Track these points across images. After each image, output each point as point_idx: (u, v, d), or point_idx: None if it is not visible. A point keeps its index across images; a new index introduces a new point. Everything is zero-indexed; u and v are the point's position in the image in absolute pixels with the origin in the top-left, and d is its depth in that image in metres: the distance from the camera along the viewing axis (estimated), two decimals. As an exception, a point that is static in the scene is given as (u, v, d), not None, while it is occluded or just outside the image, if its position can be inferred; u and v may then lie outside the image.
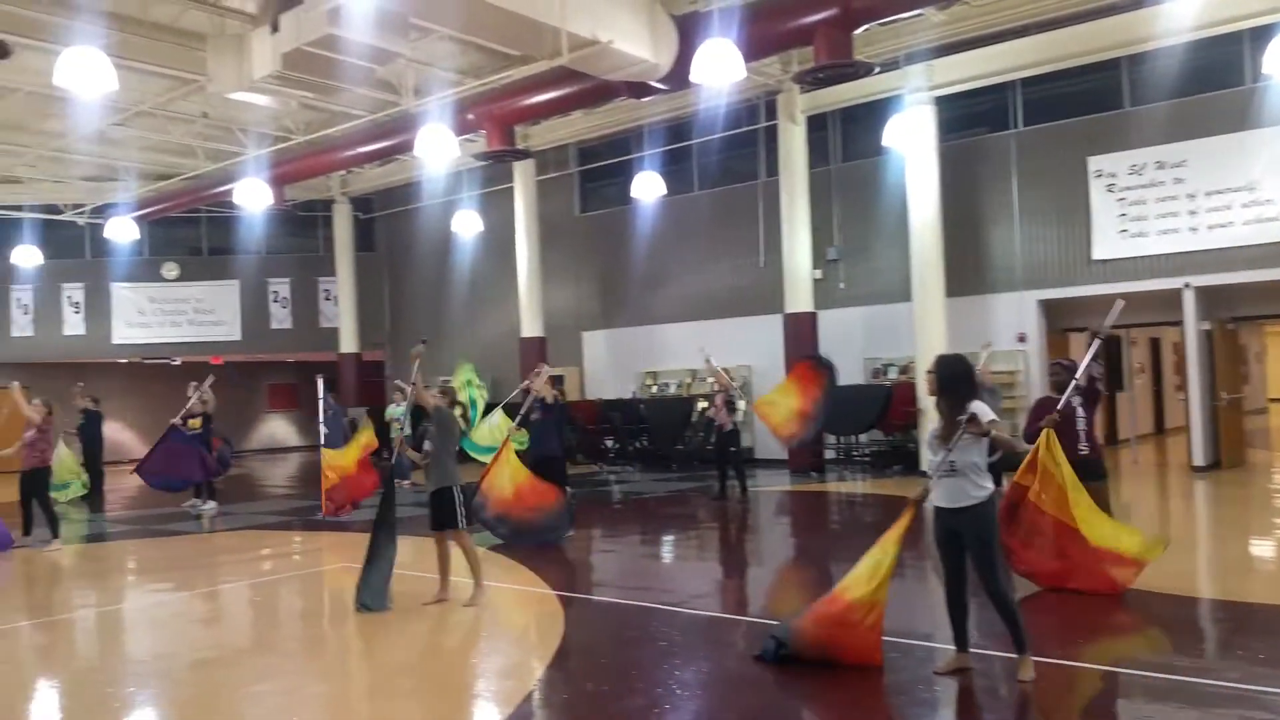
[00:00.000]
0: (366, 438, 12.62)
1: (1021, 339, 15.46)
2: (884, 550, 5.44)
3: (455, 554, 7.57)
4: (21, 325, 23.61)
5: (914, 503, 5.32)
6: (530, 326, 20.01)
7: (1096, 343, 7.35)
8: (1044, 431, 6.89)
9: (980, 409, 5.12)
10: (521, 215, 20.12)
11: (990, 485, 5.26)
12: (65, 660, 6.78)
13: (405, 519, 11.84)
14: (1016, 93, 15.80)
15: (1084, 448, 7.41)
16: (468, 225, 20.33)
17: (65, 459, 14.94)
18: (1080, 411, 7.49)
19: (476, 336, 23.15)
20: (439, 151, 13.51)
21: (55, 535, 11.14)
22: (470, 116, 14.22)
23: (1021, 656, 5.17)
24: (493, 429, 12.62)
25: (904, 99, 15.06)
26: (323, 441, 13.05)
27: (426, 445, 7.43)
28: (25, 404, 11.14)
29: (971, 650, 5.43)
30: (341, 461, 12.40)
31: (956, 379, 5.25)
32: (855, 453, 17.11)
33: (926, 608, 6.88)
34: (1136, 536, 7.13)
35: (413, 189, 22.84)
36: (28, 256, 21.29)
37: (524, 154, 16.45)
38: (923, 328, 15.07)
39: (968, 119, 16.25)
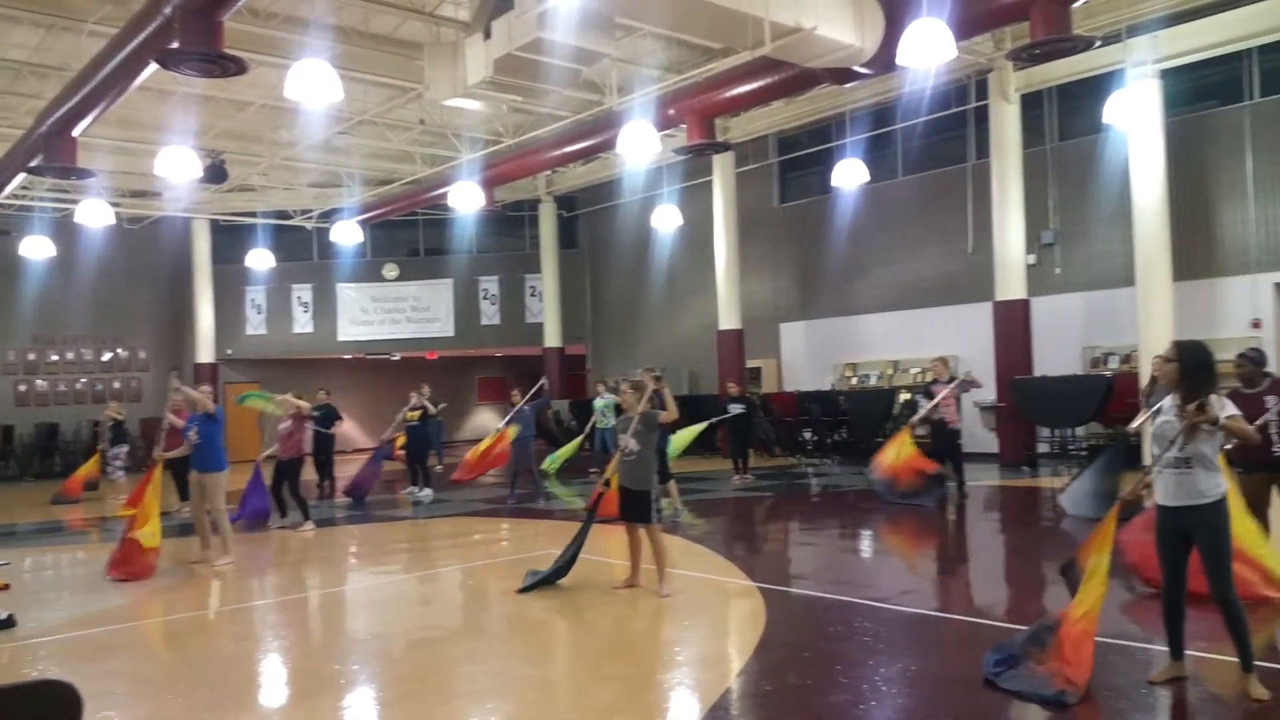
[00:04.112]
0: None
1: (1256, 325, 14.21)
2: (1099, 558, 5.09)
3: (646, 542, 7.70)
4: (255, 324, 25.75)
5: (1124, 501, 5.09)
6: (728, 319, 20.02)
7: None
8: None
9: (1219, 402, 4.75)
10: (720, 208, 20.15)
11: (1224, 481, 4.83)
12: (295, 637, 7.31)
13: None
14: (1252, 62, 14.52)
15: (1278, 448, 6.76)
16: (667, 220, 20.55)
17: None
18: (1273, 410, 6.71)
19: (674, 330, 23.42)
20: (641, 148, 13.70)
21: (306, 518, 12.07)
22: (671, 111, 14.34)
23: (1249, 674, 4.73)
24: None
25: (1126, 73, 14.05)
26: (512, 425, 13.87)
27: (633, 444, 7.54)
28: (290, 404, 12.15)
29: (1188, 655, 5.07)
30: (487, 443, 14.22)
31: (1200, 368, 4.84)
32: (1071, 446, 16.15)
33: (1147, 608, 6.39)
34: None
35: (613, 186, 23.37)
36: (261, 259, 23.07)
37: (724, 146, 16.41)
38: (1147, 314, 14.07)
39: (1196, 92, 15.08)
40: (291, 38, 12.09)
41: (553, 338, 25.32)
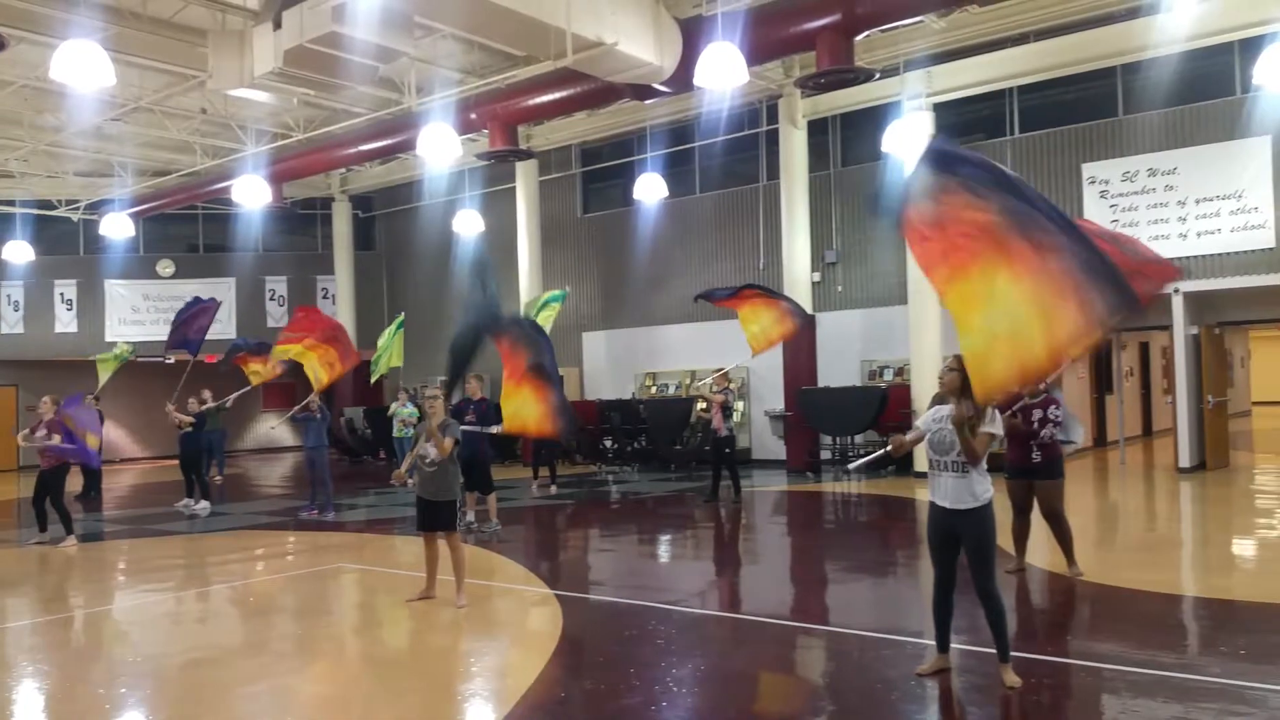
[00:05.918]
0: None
1: None
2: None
3: (444, 554, 7.58)
4: (11, 322, 23.35)
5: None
6: (528, 327, 19.96)
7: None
8: None
9: (991, 415, 5.18)
10: (523, 216, 20.12)
11: (992, 486, 5.28)
12: (57, 660, 6.71)
13: (399, 519, 11.87)
14: (1013, 100, 15.93)
15: (1036, 456, 7.52)
16: (469, 225, 20.31)
17: None
18: (1039, 423, 7.48)
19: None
20: (441, 150, 13.51)
21: (69, 532, 11.12)
22: (473, 116, 14.23)
23: (1005, 664, 5.18)
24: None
25: (903, 105, 15.13)
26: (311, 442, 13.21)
27: (432, 452, 7.38)
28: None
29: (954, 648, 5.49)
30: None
31: None
32: (850, 453, 17.13)
33: (918, 604, 6.89)
34: None
35: (414, 188, 22.86)
36: (19, 252, 21.08)
37: (527, 154, 16.44)
38: (918, 331, 15.19)
39: (965, 125, 16.35)
40: (58, 15, 11.11)
41: (347, 342, 24.41)
